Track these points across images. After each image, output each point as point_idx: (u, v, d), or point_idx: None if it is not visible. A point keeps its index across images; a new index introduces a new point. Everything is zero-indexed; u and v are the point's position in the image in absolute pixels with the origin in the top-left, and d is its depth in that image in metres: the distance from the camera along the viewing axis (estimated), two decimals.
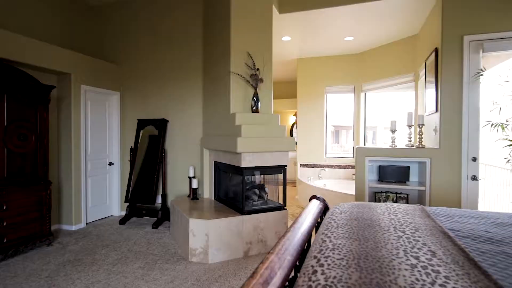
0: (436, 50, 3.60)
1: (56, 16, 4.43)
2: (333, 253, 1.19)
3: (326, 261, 1.12)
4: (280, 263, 1.19)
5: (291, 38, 5.16)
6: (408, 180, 3.85)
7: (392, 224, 1.54)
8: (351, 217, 1.70)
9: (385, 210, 1.86)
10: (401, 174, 3.84)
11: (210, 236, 3.21)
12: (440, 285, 0.90)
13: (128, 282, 2.77)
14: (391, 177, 3.87)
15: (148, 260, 3.25)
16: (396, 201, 3.85)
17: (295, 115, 9.03)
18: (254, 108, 3.61)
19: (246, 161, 3.32)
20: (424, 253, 1.16)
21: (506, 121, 2.95)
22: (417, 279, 0.94)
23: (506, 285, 0.94)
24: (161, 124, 4.67)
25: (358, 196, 3.88)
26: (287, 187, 3.78)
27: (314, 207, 2.14)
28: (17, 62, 3.49)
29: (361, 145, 6.04)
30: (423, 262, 1.07)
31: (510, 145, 2.92)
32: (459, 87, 3.37)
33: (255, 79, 3.61)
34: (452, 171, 3.43)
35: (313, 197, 2.43)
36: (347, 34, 4.99)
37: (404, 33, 4.90)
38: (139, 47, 4.90)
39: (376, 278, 0.95)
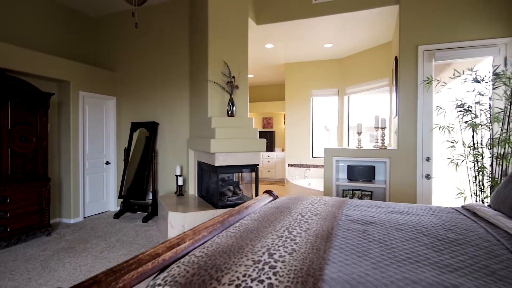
0: (396, 58, 3.91)
1: (57, 28, 4.91)
2: (234, 229, 1.56)
3: (223, 234, 1.49)
4: (193, 235, 1.56)
5: (274, 46, 5.52)
6: (374, 179, 4.16)
7: (300, 211, 1.89)
8: (275, 206, 2.06)
9: (311, 201, 2.21)
10: (367, 173, 4.15)
11: (186, 227, 3.60)
12: (284, 246, 1.26)
13: (110, 266, 3.19)
14: (359, 176, 4.19)
15: (132, 249, 3.66)
16: (361, 198, 4.17)
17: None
18: (229, 112, 3.99)
19: (220, 160, 3.70)
20: (300, 229, 1.52)
21: (450, 124, 3.24)
22: (272, 243, 1.30)
23: (336, 248, 1.29)
24: (152, 127, 5.10)
25: (327, 194, 4.21)
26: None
27: (260, 200, 2.51)
28: (21, 72, 3.97)
29: (345, 145, 6.35)
30: (292, 234, 1.43)
31: (452, 146, 3.21)
32: (415, 93, 3.68)
33: (230, 86, 3.99)
34: (408, 170, 3.74)
35: (266, 191, 2.80)
36: (326, 41, 5.32)
37: (380, 40, 5.19)
38: (133, 55, 5.35)
39: (243, 243, 1.32)
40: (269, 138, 9.46)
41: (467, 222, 1.70)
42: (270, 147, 9.42)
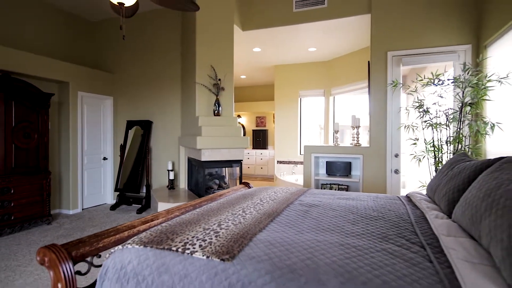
0: (369, 63, 4.23)
1: (58, 31, 5.25)
2: (199, 209, 1.89)
3: (190, 212, 1.83)
4: (165, 214, 1.90)
5: (261, 50, 5.85)
6: (350, 174, 4.49)
7: (262, 197, 2.23)
8: (242, 193, 2.39)
9: (275, 190, 2.54)
10: (344, 168, 4.48)
11: None
12: (234, 220, 1.60)
13: None
14: (336, 171, 4.52)
15: None
16: None
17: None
18: (215, 112, 4.32)
19: (206, 156, 4.03)
20: (253, 209, 1.85)
21: (413, 123, 3.56)
22: (224, 218, 1.63)
23: (276, 222, 1.62)
24: (146, 125, 5.44)
25: (306, 188, 4.54)
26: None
27: (235, 190, 2.84)
28: (24, 74, 4.30)
29: (330, 143, 6.67)
30: (245, 213, 1.76)
31: (414, 144, 3.53)
32: (384, 94, 4.00)
33: (217, 88, 4.32)
34: (379, 166, 4.06)
35: (242, 183, 3.13)
36: (310, 46, 5.64)
37: (361, 44, 5.51)
38: (129, 57, 5.68)
39: (201, 218, 1.65)
40: (262, 137, 9.79)
41: (397, 205, 2.03)
42: (263, 145, 9.75)
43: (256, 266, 1.11)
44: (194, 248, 1.23)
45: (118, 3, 2.49)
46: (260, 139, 9.79)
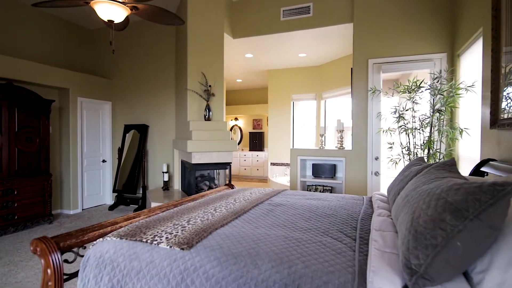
0: (352, 69, 4.44)
1: (58, 39, 5.53)
2: (176, 208, 2.13)
3: (168, 211, 2.06)
4: (147, 213, 2.14)
5: (253, 56, 6.08)
6: (335, 175, 4.70)
7: (237, 197, 2.46)
8: (222, 194, 2.62)
9: (252, 191, 2.77)
10: (329, 170, 4.69)
11: None
12: (202, 217, 1.83)
13: None
14: (322, 173, 4.73)
15: None
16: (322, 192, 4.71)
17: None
18: (206, 117, 4.56)
19: (196, 159, 4.27)
20: (224, 208, 2.08)
21: (390, 128, 3.77)
22: (195, 216, 1.87)
23: (240, 219, 1.85)
24: (142, 129, 5.70)
25: (292, 189, 4.76)
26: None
27: (218, 190, 3.07)
28: (27, 82, 4.58)
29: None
30: (216, 211, 2.00)
31: (390, 147, 3.74)
32: (365, 100, 4.22)
33: (207, 94, 4.56)
34: (360, 168, 4.28)
35: (226, 184, 3.37)
36: (300, 52, 5.87)
37: (349, 50, 5.70)
38: (126, 63, 5.94)
39: (175, 215, 1.88)
40: (258, 139, 10.02)
41: (355, 205, 2.25)
42: (260, 147, 9.98)
43: (208, 253, 1.34)
44: (161, 239, 1.47)
45: (108, 20, 2.74)
46: (256, 141, 10.02)
